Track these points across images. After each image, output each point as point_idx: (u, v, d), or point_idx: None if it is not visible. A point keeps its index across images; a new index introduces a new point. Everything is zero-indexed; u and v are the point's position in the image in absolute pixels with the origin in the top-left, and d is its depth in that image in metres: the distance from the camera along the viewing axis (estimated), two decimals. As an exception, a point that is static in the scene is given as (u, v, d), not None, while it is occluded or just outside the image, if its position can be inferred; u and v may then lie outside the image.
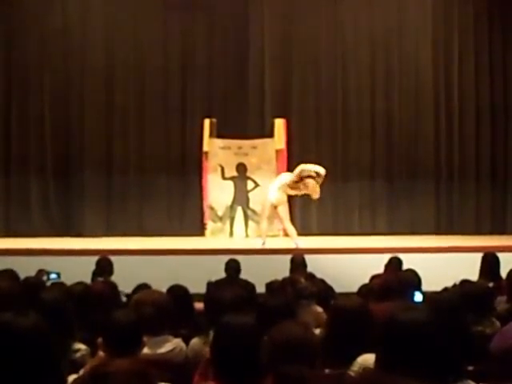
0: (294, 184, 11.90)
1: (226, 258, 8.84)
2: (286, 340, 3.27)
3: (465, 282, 5.94)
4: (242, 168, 13.96)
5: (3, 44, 14.41)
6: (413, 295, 5.42)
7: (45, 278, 7.25)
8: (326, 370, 3.83)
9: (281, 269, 8.49)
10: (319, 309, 6.25)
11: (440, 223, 14.80)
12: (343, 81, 15.02)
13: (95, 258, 8.51)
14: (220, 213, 13.85)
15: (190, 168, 14.35)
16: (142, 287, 6.49)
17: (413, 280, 6.13)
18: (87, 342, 4.55)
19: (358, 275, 7.79)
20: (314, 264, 9.05)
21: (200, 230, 13.86)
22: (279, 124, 14.00)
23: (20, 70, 14.41)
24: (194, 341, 4.76)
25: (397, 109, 14.97)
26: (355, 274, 8.30)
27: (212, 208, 13.85)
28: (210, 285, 6.42)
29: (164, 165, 14.59)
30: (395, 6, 14.99)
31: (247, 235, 13.73)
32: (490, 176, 14.99)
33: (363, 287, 6.76)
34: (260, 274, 7.13)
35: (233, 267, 8.46)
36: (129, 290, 6.55)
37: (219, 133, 13.92)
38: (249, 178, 13.97)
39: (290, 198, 12.65)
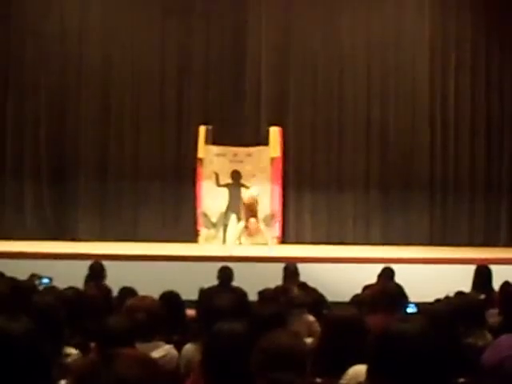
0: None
1: (219, 264, 8.85)
2: (274, 348, 3.27)
3: (457, 294, 5.95)
4: (236, 175, 13.95)
5: (1, 46, 14.40)
6: (406, 306, 5.41)
7: (37, 282, 7.24)
8: (318, 380, 3.83)
9: (273, 277, 8.49)
10: (311, 318, 6.25)
11: (434, 235, 14.79)
12: (339, 91, 15.04)
13: (88, 263, 8.51)
14: (214, 219, 13.84)
15: (185, 174, 14.34)
16: (126, 291, 6.51)
17: (403, 292, 6.12)
18: (80, 347, 4.54)
19: (350, 285, 7.80)
20: (306, 273, 9.06)
21: (193, 237, 13.85)
22: (275, 132, 14.01)
23: (16, 73, 14.41)
24: (187, 347, 4.75)
25: (392, 120, 14.98)
26: (348, 284, 8.32)
27: (206, 215, 13.84)
28: (202, 291, 6.41)
29: (159, 171, 14.59)
30: (393, 18, 15.01)
31: (240, 242, 13.72)
32: (484, 188, 15.00)
33: (355, 297, 6.76)
34: (252, 282, 7.12)
35: (225, 274, 8.47)
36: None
37: (215, 140, 13.92)
38: (243, 185, 13.96)
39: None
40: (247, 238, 12.51)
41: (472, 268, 7.93)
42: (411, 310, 5.44)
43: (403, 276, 7.96)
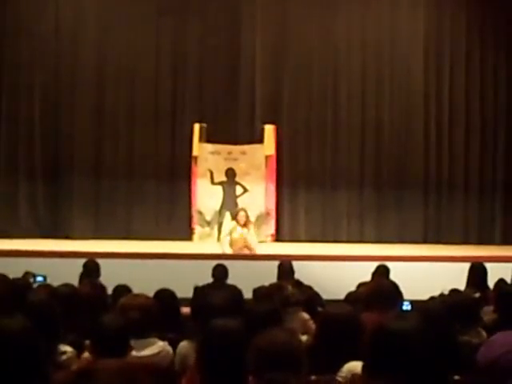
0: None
1: (214, 262, 8.85)
2: (271, 347, 3.26)
3: (452, 292, 5.95)
4: (231, 173, 13.96)
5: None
6: (401, 304, 5.41)
7: (31, 280, 7.22)
8: (313, 377, 3.83)
9: (268, 275, 8.48)
10: (306, 316, 6.24)
11: (428, 233, 14.80)
12: (334, 89, 15.03)
13: (82, 261, 8.49)
14: (208, 218, 13.84)
15: (179, 172, 14.33)
16: (121, 289, 6.50)
17: (398, 289, 6.12)
18: (75, 344, 4.53)
19: (345, 282, 7.79)
20: (301, 271, 9.06)
21: (188, 235, 13.84)
22: (269, 130, 14.02)
23: (11, 70, 14.37)
24: (182, 344, 4.75)
25: (387, 118, 14.99)
26: (343, 282, 8.30)
27: (200, 213, 13.83)
28: (197, 289, 6.40)
29: (153, 169, 14.57)
30: (388, 18, 15.01)
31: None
32: (479, 186, 15.01)
33: (350, 295, 6.76)
34: (247, 280, 7.10)
35: (220, 272, 8.46)
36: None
37: (209, 138, 13.91)
38: (238, 183, 13.96)
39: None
40: (235, 246, 12.26)
41: (466, 266, 7.94)
42: (406, 307, 5.44)
43: (398, 274, 7.96)
